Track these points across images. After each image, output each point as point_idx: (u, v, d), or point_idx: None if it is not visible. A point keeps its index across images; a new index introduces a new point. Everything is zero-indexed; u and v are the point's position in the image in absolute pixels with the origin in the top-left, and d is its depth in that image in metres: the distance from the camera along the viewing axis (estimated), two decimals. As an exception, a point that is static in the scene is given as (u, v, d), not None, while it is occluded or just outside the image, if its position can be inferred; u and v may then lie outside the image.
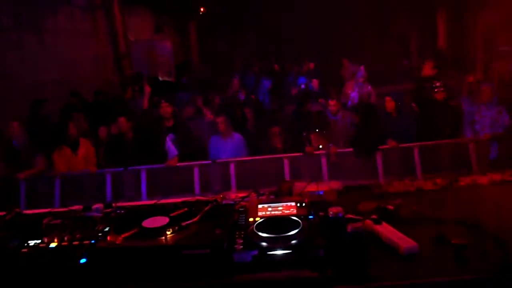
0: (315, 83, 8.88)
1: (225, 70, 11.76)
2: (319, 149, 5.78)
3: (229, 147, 6.02)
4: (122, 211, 2.49)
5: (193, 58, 15.39)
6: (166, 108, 6.08)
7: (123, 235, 1.89)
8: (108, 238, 1.91)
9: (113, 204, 2.70)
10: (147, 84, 6.56)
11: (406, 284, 1.77)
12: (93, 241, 1.97)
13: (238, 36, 13.50)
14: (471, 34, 10.94)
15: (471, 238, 2.01)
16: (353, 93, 8.11)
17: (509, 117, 5.78)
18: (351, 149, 5.75)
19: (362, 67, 8.38)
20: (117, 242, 1.85)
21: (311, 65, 10.93)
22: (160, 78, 12.08)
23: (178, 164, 5.62)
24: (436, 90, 6.03)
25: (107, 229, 2.08)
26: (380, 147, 5.52)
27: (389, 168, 5.40)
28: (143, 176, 5.56)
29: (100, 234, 2.03)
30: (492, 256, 1.86)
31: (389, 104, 6.06)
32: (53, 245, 2.00)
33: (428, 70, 6.07)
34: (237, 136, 6.12)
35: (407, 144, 5.49)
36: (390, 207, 2.38)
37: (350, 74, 9.09)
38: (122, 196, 5.42)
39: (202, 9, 15.33)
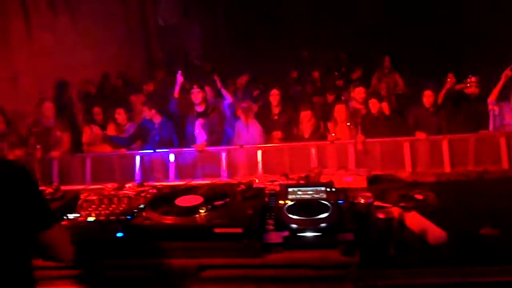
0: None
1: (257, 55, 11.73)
2: (335, 137, 5.78)
3: (249, 133, 6.09)
4: (153, 190, 2.57)
5: (222, 42, 15.37)
6: (197, 94, 6.13)
7: (158, 213, 1.96)
8: (144, 214, 1.98)
9: (145, 183, 2.79)
10: (181, 73, 6.58)
11: (432, 271, 1.80)
12: (129, 217, 2.05)
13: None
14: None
15: (500, 229, 2.02)
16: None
17: None
18: (378, 138, 5.73)
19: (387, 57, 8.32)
20: (152, 219, 1.92)
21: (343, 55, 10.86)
22: (188, 63, 12.13)
23: (206, 149, 5.70)
24: (469, 85, 5.94)
25: (142, 206, 2.16)
26: (408, 138, 5.48)
27: (416, 160, 5.36)
28: (171, 159, 5.66)
29: (135, 210, 2.11)
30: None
31: (428, 99, 5.96)
32: (91, 219, 2.09)
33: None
34: (255, 124, 6.16)
35: (436, 136, 5.44)
36: (419, 196, 2.40)
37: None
38: (150, 178, 5.51)
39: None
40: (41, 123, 6.04)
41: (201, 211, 1.93)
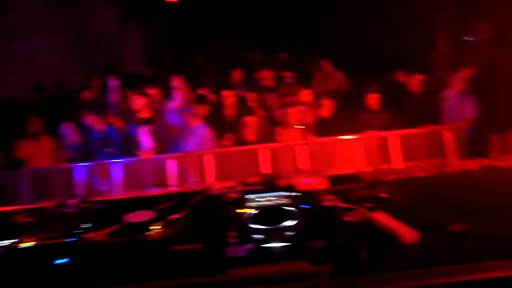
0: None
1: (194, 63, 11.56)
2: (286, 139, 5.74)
3: (195, 139, 5.91)
4: (102, 206, 2.34)
5: (162, 49, 15.04)
6: (137, 100, 5.89)
7: (105, 232, 1.74)
8: (90, 235, 1.76)
9: (89, 199, 2.55)
10: (115, 77, 6.32)
11: (408, 274, 1.69)
12: (73, 239, 1.82)
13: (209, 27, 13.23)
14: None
15: (467, 224, 1.95)
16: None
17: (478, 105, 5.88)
18: (328, 138, 5.70)
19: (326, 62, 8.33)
20: (99, 239, 1.70)
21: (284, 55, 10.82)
22: (129, 70, 11.76)
23: (153, 157, 5.45)
24: (414, 83, 6.05)
25: (87, 225, 1.93)
26: (359, 135, 5.49)
27: (369, 157, 5.37)
28: (117, 169, 5.36)
29: (80, 231, 1.88)
30: (490, 241, 1.80)
31: (373, 101, 6.06)
32: (29, 244, 1.84)
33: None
34: (202, 127, 5.99)
35: (385, 133, 5.48)
36: (384, 195, 2.30)
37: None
38: (94, 192, 5.20)
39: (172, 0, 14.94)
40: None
41: (154, 227, 1.73)
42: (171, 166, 5.39)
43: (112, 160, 5.43)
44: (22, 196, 5.29)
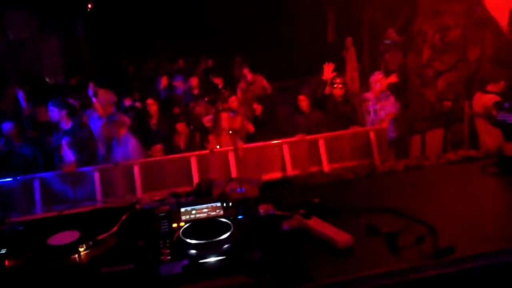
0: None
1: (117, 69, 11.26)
2: (217, 147, 5.71)
3: (124, 148, 5.71)
4: (20, 227, 2.16)
5: (83, 57, 14.45)
6: (55, 111, 5.60)
7: (24, 258, 1.59)
8: (6, 262, 1.60)
9: (6, 220, 2.35)
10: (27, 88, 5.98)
11: (348, 279, 1.70)
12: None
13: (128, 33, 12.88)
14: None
15: (400, 225, 2.00)
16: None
17: (398, 105, 6.17)
18: (256, 144, 5.72)
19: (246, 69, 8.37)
20: (18, 266, 1.56)
21: (209, 62, 10.77)
22: (47, 80, 11.20)
23: (76, 170, 5.17)
24: (335, 86, 6.21)
25: (3, 251, 1.76)
26: (288, 139, 5.54)
27: (297, 161, 5.43)
28: (37, 185, 5.03)
29: (-5, 258, 1.71)
30: (424, 242, 1.85)
31: (303, 103, 6.19)
32: None
33: (328, 73, 6.22)
34: (128, 137, 5.80)
35: (313, 136, 5.57)
36: (316, 200, 2.31)
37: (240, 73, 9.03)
38: (11, 210, 4.85)
39: (89, 5, 14.42)
40: None
41: (80, 249, 1.61)
42: (97, 178, 5.15)
43: (31, 176, 5.10)
44: None
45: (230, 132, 5.90)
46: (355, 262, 1.77)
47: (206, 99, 7.55)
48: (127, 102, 7.57)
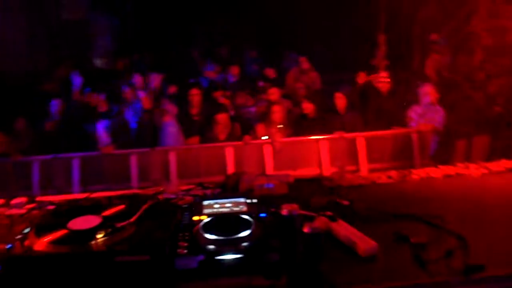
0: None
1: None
2: (262, 138, 5.62)
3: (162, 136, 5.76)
4: (48, 207, 2.19)
5: (131, 40, 14.69)
6: (95, 97, 5.76)
7: (45, 239, 1.60)
8: (26, 243, 1.62)
9: (37, 199, 2.39)
10: (79, 74, 6.15)
11: (366, 288, 1.62)
12: (9, 246, 1.67)
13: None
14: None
15: (431, 236, 1.90)
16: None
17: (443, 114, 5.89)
18: (293, 138, 5.64)
19: (303, 58, 8.22)
20: (36, 248, 1.56)
21: (253, 53, 10.69)
22: (95, 62, 11.46)
23: (114, 152, 5.26)
24: (381, 80, 6.02)
25: (27, 230, 1.78)
26: (326, 136, 5.43)
27: (334, 159, 5.33)
28: (75, 164, 5.16)
29: (18, 236, 1.73)
30: (453, 256, 1.74)
31: (340, 101, 5.94)
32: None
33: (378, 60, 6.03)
34: (171, 125, 5.84)
35: (353, 134, 5.44)
36: (346, 202, 2.23)
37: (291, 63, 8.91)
38: (51, 187, 4.98)
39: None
40: None
41: (98, 235, 1.60)
42: (133, 162, 5.22)
43: (70, 155, 5.22)
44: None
45: (280, 126, 5.77)
46: (377, 271, 1.69)
47: (248, 90, 7.51)
48: (172, 90, 7.63)
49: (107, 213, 1.80)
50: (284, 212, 1.84)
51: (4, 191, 4.54)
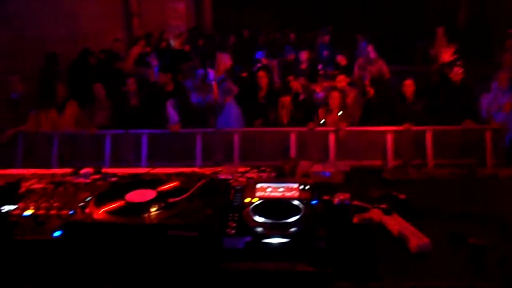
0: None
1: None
2: (322, 124, 5.54)
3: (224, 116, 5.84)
4: (111, 179, 2.30)
5: (205, 23, 14.95)
6: (163, 77, 5.97)
7: (103, 208, 1.69)
8: (87, 210, 1.71)
9: (103, 170, 2.52)
10: (155, 58, 6.39)
11: (413, 285, 1.57)
12: (71, 212, 1.79)
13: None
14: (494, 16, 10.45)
15: (491, 238, 1.80)
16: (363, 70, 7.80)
17: None
18: (359, 128, 5.52)
19: (370, 47, 7.96)
20: (94, 216, 1.65)
21: (326, 37, 10.52)
22: (171, 42, 11.73)
23: (180, 131, 5.42)
24: (454, 70, 5.73)
25: (89, 199, 1.89)
26: (393, 128, 5.27)
27: (399, 151, 5.16)
28: (144, 140, 5.37)
29: (81, 204, 1.84)
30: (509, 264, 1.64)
31: (409, 88, 5.70)
32: (27, 213, 1.81)
33: (447, 56, 5.74)
34: (234, 106, 5.90)
35: (420, 127, 5.23)
36: (402, 196, 2.17)
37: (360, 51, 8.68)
38: (121, 160, 5.23)
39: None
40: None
41: (152, 209, 1.66)
42: (198, 141, 5.36)
43: (140, 131, 5.44)
44: (52, 159, 5.38)
45: (340, 113, 5.67)
46: (428, 269, 1.63)
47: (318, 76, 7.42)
48: (243, 73, 7.69)
49: (162, 188, 1.86)
50: (336, 201, 1.82)
51: (78, 161, 4.82)
